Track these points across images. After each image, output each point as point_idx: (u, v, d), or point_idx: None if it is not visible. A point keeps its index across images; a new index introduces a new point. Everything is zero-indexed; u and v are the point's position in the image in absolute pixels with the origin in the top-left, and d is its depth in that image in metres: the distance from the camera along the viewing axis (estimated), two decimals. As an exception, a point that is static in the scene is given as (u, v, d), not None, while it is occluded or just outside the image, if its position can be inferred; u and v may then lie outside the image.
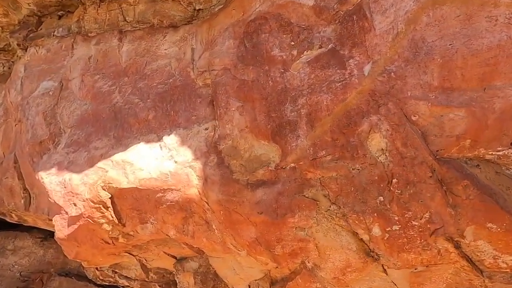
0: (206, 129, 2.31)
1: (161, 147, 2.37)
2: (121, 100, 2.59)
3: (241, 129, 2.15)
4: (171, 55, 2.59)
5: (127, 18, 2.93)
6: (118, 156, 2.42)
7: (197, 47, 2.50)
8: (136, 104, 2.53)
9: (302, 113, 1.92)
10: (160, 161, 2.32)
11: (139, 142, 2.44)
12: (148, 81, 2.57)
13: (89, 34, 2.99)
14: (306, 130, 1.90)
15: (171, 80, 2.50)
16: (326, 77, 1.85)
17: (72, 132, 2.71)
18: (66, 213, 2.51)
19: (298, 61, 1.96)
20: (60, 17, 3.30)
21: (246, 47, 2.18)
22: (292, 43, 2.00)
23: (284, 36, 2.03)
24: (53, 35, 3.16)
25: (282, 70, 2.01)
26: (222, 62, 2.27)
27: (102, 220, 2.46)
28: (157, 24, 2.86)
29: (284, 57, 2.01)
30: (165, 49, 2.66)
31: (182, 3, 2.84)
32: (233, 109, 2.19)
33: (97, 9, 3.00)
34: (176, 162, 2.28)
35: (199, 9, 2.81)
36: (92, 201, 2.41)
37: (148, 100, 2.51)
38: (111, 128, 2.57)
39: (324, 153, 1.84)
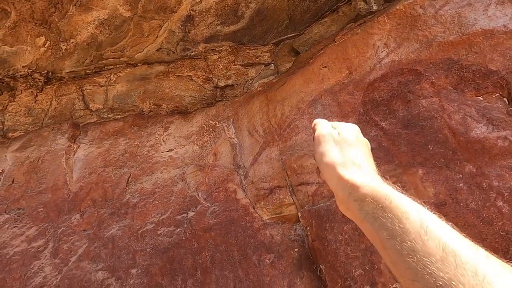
0: None
1: None
2: (52, 274, 1.00)
3: None
4: (184, 161, 1.25)
5: (91, 105, 1.65)
6: None
7: (244, 141, 1.23)
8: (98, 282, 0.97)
9: None
10: None
11: None
12: (132, 221, 1.10)
13: (9, 135, 1.57)
14: None
15: (190, 214, 1.08)
16: None
17: None
18: None
19: None
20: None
21: (384, 129, 0.97)
22: (519, 109, 0.85)
23: (484, 98, 0.90)
24: None
25: (527, 173, 0.78)
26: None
27: None
28: (150, 111, 1.63)
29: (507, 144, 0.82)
30: (168, 151, 1.33)
31: (194, 78, 1.73)
32: None
33: (36, 95, 1.70)
34: None
35: (226, 86, 1.71)
36: None
37: (134, 272, 0.98)
38: None
39: None
